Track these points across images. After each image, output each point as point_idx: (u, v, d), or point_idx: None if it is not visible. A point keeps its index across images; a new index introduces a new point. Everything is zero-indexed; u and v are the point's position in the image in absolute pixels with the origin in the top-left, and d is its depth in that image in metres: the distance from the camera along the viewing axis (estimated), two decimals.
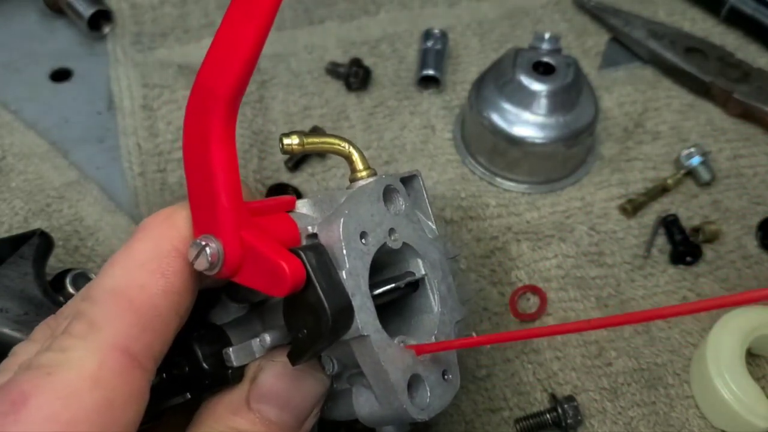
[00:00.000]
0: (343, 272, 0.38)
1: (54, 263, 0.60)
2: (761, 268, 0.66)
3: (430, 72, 0.76)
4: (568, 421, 0.56)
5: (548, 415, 0.56)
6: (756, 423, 0.54)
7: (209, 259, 0.36)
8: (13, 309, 0.53)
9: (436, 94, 0.77)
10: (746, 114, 0.75)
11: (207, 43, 0.79)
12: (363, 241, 0.40)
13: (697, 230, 0.67)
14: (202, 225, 0.37)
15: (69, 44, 0.81)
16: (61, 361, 0.33)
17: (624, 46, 0.82)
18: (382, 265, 0.44)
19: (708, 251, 0.66)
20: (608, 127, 0.75)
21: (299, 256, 0.36)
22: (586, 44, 0.82)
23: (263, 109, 0.75)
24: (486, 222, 0.68)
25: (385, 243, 0.41)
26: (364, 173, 0.45)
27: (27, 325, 0.51)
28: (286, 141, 0.43)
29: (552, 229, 0.67)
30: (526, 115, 0.67)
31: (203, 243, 0.36)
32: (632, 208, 0.68)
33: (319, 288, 0.36)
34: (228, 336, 0.41)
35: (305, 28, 0.83)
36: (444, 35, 0.79)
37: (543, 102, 0.66)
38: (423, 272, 0.44)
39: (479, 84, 0.70)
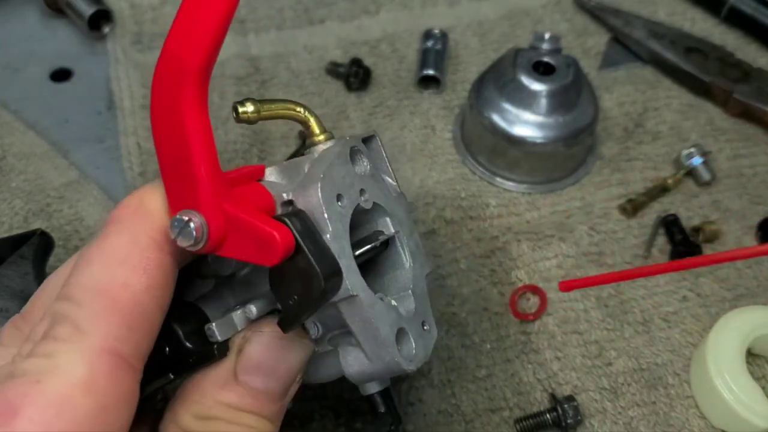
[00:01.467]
0: (327, 235, 0.38)
1: (54, 263, 0.60)
2: (761, 268, 0.66)
3: (430, 72, 0.76)
4: (568, 421, 0.56)
5: (548, 415, 0.56)
6: (756, 423, 0.54)
7: (194, 234, 0.35)
8: (13, 309, 0.53)
9: (436, 94, 0.77)
10: (746, 114, 0.75)
11: None
12: (340, 203, 0.40)
13: (697, 230, 0.67)
14: (179, 201, 0.36)
15: (69, 44, 0.81)
16: (48, 368, 0.32)
17: (624, 46, 0.82)
18: (353, 225, 0.43)
19: (708, 251, 0.66)
20: (608, 127, 0.75)
21: (285, 222, 0.36)
22: (587, 44, 0.82)
23: None
24: (486, 222, 0.68)
25: (358, 204, 0.42)
26: (321, 137, 0.44)
27: None
28: (241, 109, 0.41)
29: (552, 229, 0.67)
30: (527, 115, 0.67)
31: (185, 218, 0.35)
32: (632, 208, 0.68)
33: (308, 253, 0.36)
34: (205, 312, 0.41)
35: (305, 28, 0.83)
36: (444, 35, 0.79)
37: (543, 102, 0.66)
38: (393, 230, 0.45)
39: (479, 84, 0.70)
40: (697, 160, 0.70)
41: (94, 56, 0.80)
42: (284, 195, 0.40)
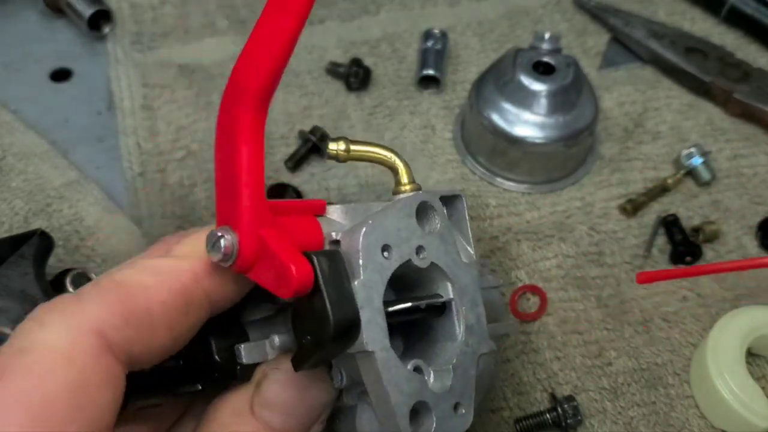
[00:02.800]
0: (356, 282, 0.37)
1: (54, 263, 0.60)
2: (761, 268, 0.66)
3: (430, 72, 0.76)
4: (568, 421, 0.56)
5: (548, 415, 0.56)
6: (756, 423, 0.54)
7: (223, 250, 0.36)
8: (14, 309, 0.53)
9: (436, 94, 0.77)
10: (746, 114, 0.75)
11: (207, 42, 0.81)
12: (385, 254, 0.39)
13: (697, 230, 0.67)
14: (223, 217, 0.37)
15: (69, 44, 0.81)
16: (36, 338, 0.32)
17: (624, 46, 0.82)
18: (410, 284, 0.43)
19: (708, 251, 0.66)
20: (608, 127, 0.75)
21: (311, 260, 0.36)
22: (586, 44, 0.82)
23: None
24: (486, 222, 0.68)
25: (410, 260, 0.40)
26: (407, 187, 0.44)
27: None
28: (332, 146, 0.43)
29: (552, 229, 0.67)
30: (526, 115, 0.67)
31: (219, 234, 0.36)
32: (632, 208, 0.68)
33: (325, 295, 0.35)
34: (247, 333, 0.41)
35: (305, 27, 0.82)
36: (444, 35, 0.79)
37: (543, 102, 0.66)
38: (450, 296, 0.42)
39: (479, 84, 0.70)
40: (697, 160, 0.70)
41: (94, 56, 0.80)
42: (334, 234, 0.40)
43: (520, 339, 0.61)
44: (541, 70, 0.68)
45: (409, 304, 0.41)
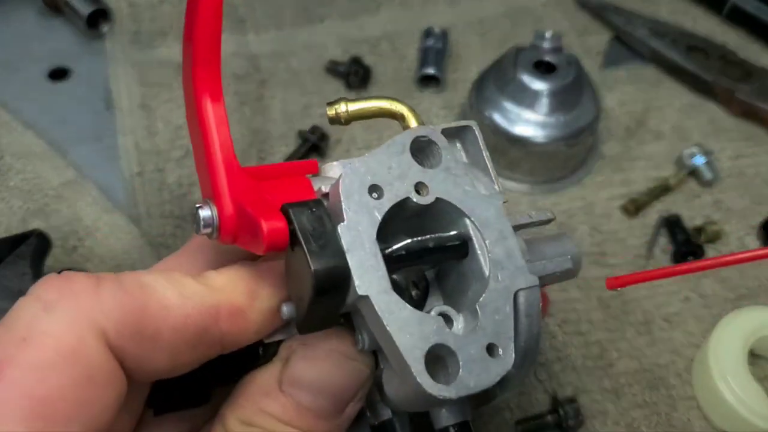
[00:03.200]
0: (340, 227, 0.34)
1: (52, 263, 0.60)
2: (764, 268, 0.65)
3: (431, 71, 0.76)
4: (570, 422, 0.55)
5: (549, 417, 0.56)
6: (758, 424, 0.54)
7: (203, 222, 0.35)
8: None
9: (436, 93, 0.77)
10: (748, 113, 0.75)
11: None
12: (374, 195, 0.36)
13: (699, 230, 0.66)
14: (204, 191, 0.37)
15: (67, 43, 0.80)
16: (40, 327, 0.31)
17: (626, 45, 0.81)
18: (429, 228, 0.39)
19: (710, 251, 0.66)
20: (610, 126, 0.75)
21: (286, 213, 0.34)
22: (588, 43, 0.82)
23: (262, 108, 0.75)
24: None
25: (408, 198, 0.37)
26: None
27: None
28: (330, 111, 0.41)
29: (553, 229, 0.67)
30: (528, 115, 0.66)
31: (197, 206, 0.35)
32: (634, 207, 0.68)
33: (303, 244, 0.33)
34: None
35: (305, 26, 0.82)
36: (444, 34, 0.79)
37: (544, 101, 0.66)
38: (468, 231, 0.38)
39: (480, 83, 0.70)
40: (699, 160, 0.70)
41: (93, 55, 0.79)
42: (323, 188, 0.38)
43: None
44: (543, 69, 0.67)
45: (408, 241, 0.37)
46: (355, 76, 0.76)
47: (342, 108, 0.42)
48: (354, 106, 0.42)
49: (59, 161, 0.70)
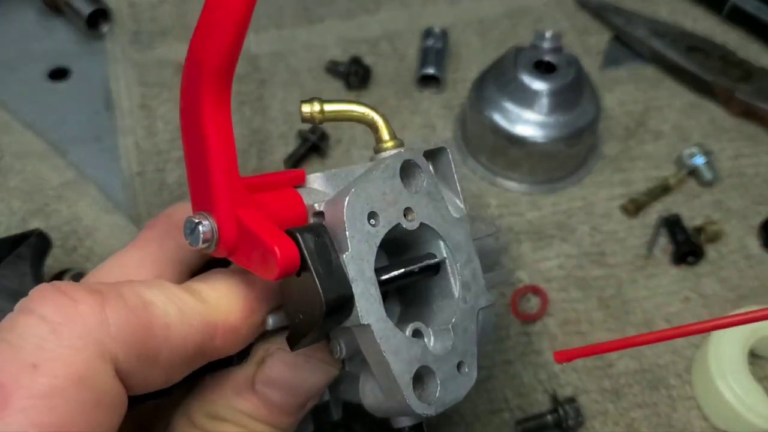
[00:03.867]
0: (345, 256, 0.36)
1: (52, 263, 0.60)
2: (763, 268, 0.65)
3: (431, 71, 0.76)
4: (570, 422, 0.55)
5: (549, 417, 0.56)
6: (758, 424, 0.54)
7: (202, 237, 0.35)
8: (11, 309, 0.52)
9: (436, 93, 0.77)
10: (748, 113, 0.75)
11: None
12: (372, 221, 0.37)
13: (699, 230, 0.66)
14: (198, 202, 0.36)
15: (67, 43, 0.80)
16: (48, 351, 0.30)
17: (626, 45, 0.81)
18: (403, 246, 0.41)
19: (710, 251, 0.66)
20: (610, 126, 0.75)
21: (295, 238, 0.34)
22: (588, 43, 0.82)
23: (262, 108, 0.75)
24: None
25: (399, 224, 0.38)
26: (389, 144, 0.42)
27: None
28: (305, 108, 0.41)
29: (553, 229, 0.67)
30: (528, 115, 0.66)
31: (196, 221, 0.35)
32: (634, 207, 0.68)
33: (314, 273, 0.34)
34: None
35: (305, 26, 0.82)
36: (444, 34, 0.79)
37: (544, 101, 0.66)
38: (443, 255, 0.40)
39: (480, 83, 0.70)
40: (699, 160, 0.70)
41: (93, 55, 0.79)
42: (317, 206, 0.38)
43: (521, 340, 0.61)
44: (543, 69, 0.67)
45: (402, 270, 0.39)
46: (355, 76, 0.75)
47: (316, 108, 0.42)
48: (329, 107, 0.42)
49: (59, 161, 0.70)
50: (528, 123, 0.66)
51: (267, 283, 0.37)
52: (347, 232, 0.36)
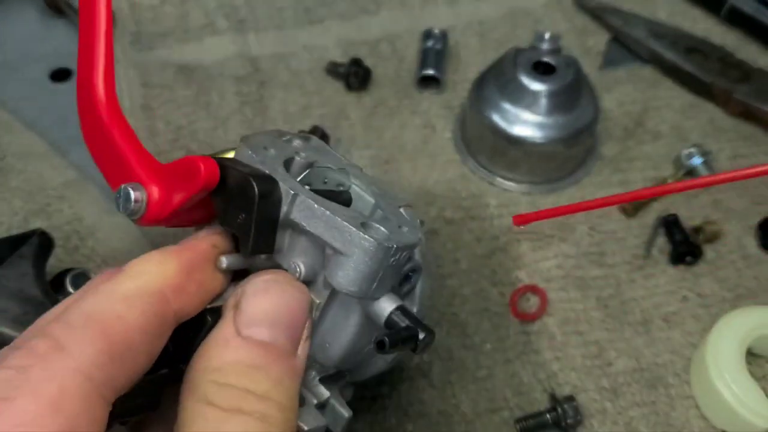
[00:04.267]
0: (255, 162, 0.41)
1: (54, 263, 0.60)
2: (762, 268, 0.66)
3: (430, 72, 0.76)
4: (568, 420, 0.56)
5: (548, 415, 0.56)
6: (757, 423, 0.54)
7: (132, 197, 0.39)
8: (13, 309, 0.52)
9: (436, 93, 0.77)
10: (747, 114, 0.75)
11: (207, 43, 0.81)
12: (271, 151, 0.43)
13: (697, 230, 0.67)
14: (118, 179, 0.41)
15: (68, 44, 0.81)
16: (19, 384, 0.30)
17: (624, 46, 0.82)
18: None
19: (708, 251, 0.66)
20: (608, 126, 0.75)
21: (211, 156, 0.39)
22: (587, 44, 0.82)
23: (263, 108, 0.75)
24: (486, 222, 0.68)
25: (294, 156, 0.44)
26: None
27: (26, 325, 0.50)
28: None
29: (552, 229, 0.67)
30: (527, 115, 0.67)
31: (123, 187, 0.40)
32: (633, 208, 0.68)
33: (235, 166, 0.39)
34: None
35: (305, 27, 0.83)
36: (444, 35, 0.79)
37: (543, 102, 0.66)
38: (351, 182, 0.46)
39: (479, 84, 0.70)
40: (697, 160, 0.70)
41: None
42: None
43: (520, 339, 0.61)
44: (542, 70, 0.68)
45: (308, 170, 0.45)
46: (355, 77, 0.76)
47: None
48: None
49: (60, 161, 0.70)
50: (527, 123, 0.67)
51: (197, 249, 0.40)
52: (249, 151, 0.42)
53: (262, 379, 0.36)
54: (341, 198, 0.44)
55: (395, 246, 0.40)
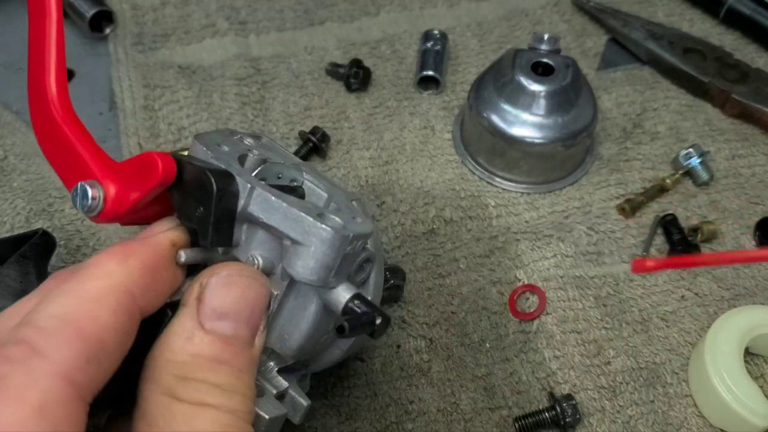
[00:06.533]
0: (210, 158, 0.42)
1: (56, 263, 0.60)
2: (759, 267, 0.66)
3: (430, 73, 0.77)
4: (567, 419, 0.56)
5: (547, 414, 0.56)
6: (754, 422, 0.54)
7: (89, 194, 0.40)
8: None
9: (435, 94, 0.78)
10: (744, 114, 0.76)
11: (208, 43, 0.81)
12: (224, 147, 0.44)
13: (695, 230, 0.67)
14: (74, 178, 0.41)
15: (70, 45, 0.80)
16: (1, 391, 0.30)
17: (623, 47, 0.82)
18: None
19: (706, 251, 0.67)
20: (607, 127, 0.75)
21: (169, 154, 0.40)
22: (585, 45, 0.83)
23: (263, 109, 0.76)
24: (485, 222, 0.68)
25: (247, 153, 0.45)
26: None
27: None
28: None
29: (551, 229, 0.68)
30: (525, 116, 0.67)
31: (79, 185, 0.40)
32: (631, 208, 0.69)
33: (191, 161, 0.40)
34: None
35: (305, 29, 0.83)
36: (443, 36, 0.79)
37: (542, 102, 0.67)
38: (304, 177, 0.47)
39: (478, 84, 0.71)
40: (695, 161, 0.70)
41: (96, 57, 0.80)
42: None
43: (519, 338, 0.61)
44: (540, 70, 0.68)
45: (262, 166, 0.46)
46: (355, 78, 0.76)
47: None
48: None
49: None
50: (526, 124, 0.67)
51: (158, 245, 0.40)
52: (204, 147, 0.43)
53: (226, 373, 0.37)
54: (296, 193, 0.46)
55: (351, 234, 0.41)
